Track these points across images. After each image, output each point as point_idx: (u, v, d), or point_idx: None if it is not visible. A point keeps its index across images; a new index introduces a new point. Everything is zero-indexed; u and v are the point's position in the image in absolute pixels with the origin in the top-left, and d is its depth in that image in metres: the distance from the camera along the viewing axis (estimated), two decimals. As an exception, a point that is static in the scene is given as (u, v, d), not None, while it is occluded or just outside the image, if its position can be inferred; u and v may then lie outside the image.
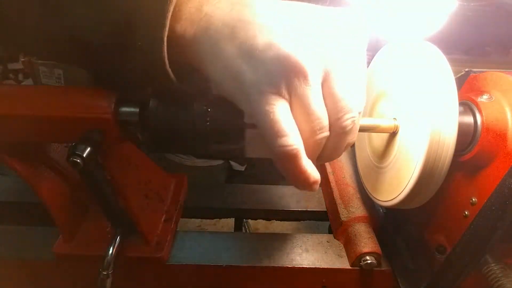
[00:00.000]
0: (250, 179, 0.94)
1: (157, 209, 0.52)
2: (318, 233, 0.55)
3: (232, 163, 0.93)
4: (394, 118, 0.41)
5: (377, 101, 0.47)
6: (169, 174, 0.58)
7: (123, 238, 0.46)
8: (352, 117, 0.32)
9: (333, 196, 0.55)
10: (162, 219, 0.52)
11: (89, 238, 0.48)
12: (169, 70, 0.32)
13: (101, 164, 0.39)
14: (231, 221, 0.64)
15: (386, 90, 0.45)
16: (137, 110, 0.37)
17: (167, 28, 0.30)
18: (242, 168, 0.94)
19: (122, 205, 0.44)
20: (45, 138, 0.40)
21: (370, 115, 0.49)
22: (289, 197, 0.62)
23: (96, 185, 0.41)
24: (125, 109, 0.37)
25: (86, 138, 0.35)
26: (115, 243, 0.44)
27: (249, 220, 1.14)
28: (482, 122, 0.37)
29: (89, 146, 0.35)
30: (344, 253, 0.50)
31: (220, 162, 0.90)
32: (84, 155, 0.34)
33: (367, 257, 0.47)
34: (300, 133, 0.31)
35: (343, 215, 0.52)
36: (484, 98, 0.38)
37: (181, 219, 0.56)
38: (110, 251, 0.44)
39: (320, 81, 0.31)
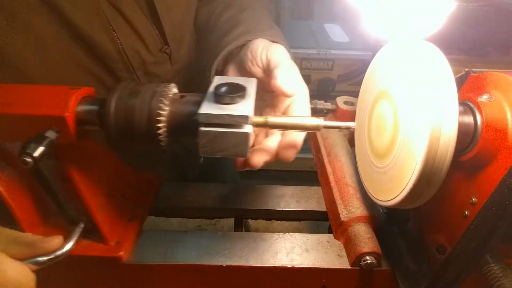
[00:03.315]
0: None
1: (120, 208, 0.51)
2: (318, 233, 0.55)
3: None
4: (319, 117, 0.40)
5: (377, 100, 0.47)
6: (138, 173, 0.58)
7: (82, 237, 0.45)
8: None
9: (333, 196, 0.55)
10: (126, 219, 0.51)
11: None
12: None
13: (56, 163, 0.38)
14: (231, 221, 0.64)
15: (386, 89, 0.45)
16: (97, 108, 0.37)
17: None
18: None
19: (82, 204, 0.44)
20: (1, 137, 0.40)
21: (370, 114, 0.49)
22: (289, 197, 0.62)
23: (48, 185, 0.40)
24: (83, 107, 0.37)
25: (40, 136, 0.35)
26: (72, 241, 0.43)
27: (249, 220, 1.14)
28: (482, 122, 0.37)
29: (42, 145, 0.34)
30: (344, 253, 0.50)
31: None
32: (35, 154, 0.34)
33: (367, 257, 0.47)
34: None
35: (343, 215, 0.52)
36: (484, 98, 0.38)
37: (181, 219, 0.56)
38: (65, 249, 0.42)
39: None
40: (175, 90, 0.40)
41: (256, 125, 0.39)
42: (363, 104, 0.52)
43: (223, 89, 0.37)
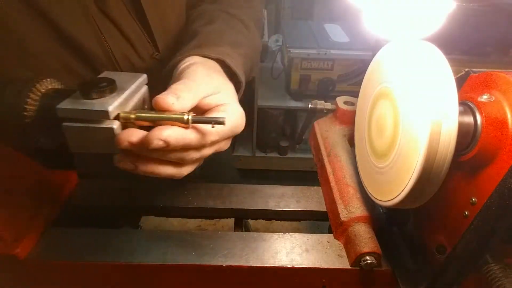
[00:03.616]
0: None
1: (21, 205, 0.51)
2: (318, 233, 0.55)
3: None
4: (186, 113, 0.37)
5: (377, 100, 0.47)
6: (51, 171, 0.57)
7: None
8: None
9: (333, 196, 0.55)
10: (27, 216, 0.51)
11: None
12: None
13: None
14: (231, 221, 0.64)
15: (386, 89, 0.45)
16: None
17: None
18: None
19: None
20: None
21: (370, 114, 0.49)
22: (289, 197, 0.62)
23: None
24: None
25: None
26: None
27: (249, 220, 1.14)
28: (482, 122, 0.37)
29: None
30: (344, 253, 0.50)
31: None
32: None
33: (367, 257, 0.47)
34: None
35: (343, 215, 0.52)
36: (484, 98, 0.38)
37: (181, 219, 0.56)
38: None
39: None
40: (53, 85, 0.39)
41: (123, 120, 0.36)
42: (363, 104, 0.52)
43: (92, 83, 0.36)
